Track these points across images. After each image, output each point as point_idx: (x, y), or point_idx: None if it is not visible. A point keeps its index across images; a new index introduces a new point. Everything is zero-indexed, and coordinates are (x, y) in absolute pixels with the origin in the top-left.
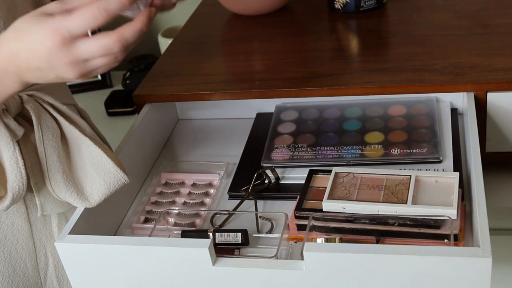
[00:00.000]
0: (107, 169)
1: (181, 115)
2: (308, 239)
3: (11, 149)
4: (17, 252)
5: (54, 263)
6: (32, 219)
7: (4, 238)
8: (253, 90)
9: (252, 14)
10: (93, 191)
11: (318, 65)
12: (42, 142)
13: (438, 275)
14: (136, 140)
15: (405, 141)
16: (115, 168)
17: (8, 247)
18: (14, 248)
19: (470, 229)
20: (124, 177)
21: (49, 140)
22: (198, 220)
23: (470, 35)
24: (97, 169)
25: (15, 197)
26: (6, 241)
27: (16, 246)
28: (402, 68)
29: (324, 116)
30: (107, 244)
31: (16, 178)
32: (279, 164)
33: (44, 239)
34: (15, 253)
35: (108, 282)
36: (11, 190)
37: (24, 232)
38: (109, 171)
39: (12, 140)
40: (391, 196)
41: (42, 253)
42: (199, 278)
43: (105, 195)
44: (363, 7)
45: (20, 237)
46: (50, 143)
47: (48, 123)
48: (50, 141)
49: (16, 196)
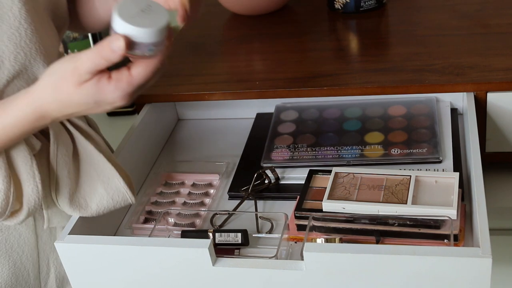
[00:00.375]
0: (117, 188)
1: (181, 115)
2: (308, 239)
3: (29, 163)
4: (21, 263)
5: (55, 273)
6: (39, 231)
7: (11, 249)
8: (253, 90)
9: (252, 14)
10: (99, 208)
11: (318, 65)
12: (55, 156)
13: (438, 275)
14: (136, 140)
15: (405, 141)
16: (125, 188)
17: (13, 257)
18: (19, 258)
19: (470, 229)
20: (131, 198)
21: (62, 155)
22: (198, 220)
23: (470, 35)
24: (107, 187)
25: (31, 211)
26: (12, 251)
27: (21, 257)
28: (402, 68)
29: (324, 116)
30: (107, 244)
31: (33, 193)
32: (279, 164)
33: (48, 250)
34: (20, 263)
35: (108, 282)
36: (27, 204)
37: (30, 243)
38: (119, 190)
39: (30, 154)
40: (391, 196)
41: (44, 263)
42: (199, 278)
43: (109, 210)
44: (363, 7)
45: (26, 248)
46: (63, 158)
47: (63, 138)
48: (63, 156)
49: (31, 210)
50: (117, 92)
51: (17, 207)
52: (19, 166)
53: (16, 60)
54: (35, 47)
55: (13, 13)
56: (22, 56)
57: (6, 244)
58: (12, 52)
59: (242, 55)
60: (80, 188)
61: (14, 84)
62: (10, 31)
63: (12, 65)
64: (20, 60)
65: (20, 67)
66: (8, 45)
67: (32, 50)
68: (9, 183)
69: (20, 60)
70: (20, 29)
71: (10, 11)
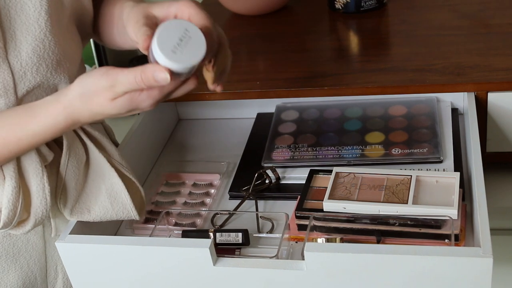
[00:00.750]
0: (123, 204)
1: (182, 115)
2: (309, 239)
3: (39, 175)
4: (28, 267)
5: (63, 279)
6: (47, 237)
7: (18, 253)
8: (253, 90)
9: (252, 14)
10: (101, 219)
11: (318, 65)
12: (65, 167)
13: (439, 275)
14: (136, 140)
15: (406, 141)
16: (131, 206)
17: (20, 261)
18: (26, 262)
19: (471, 229)
20: (136, 216)
21: (73, 166)
22: (199, 220)
23: (470, 35)
24: (113, 202)
25: (37, 222)
26: (19, 256)
27: (29, 261)
28: (403, 68)
29: (325, 116)
30: (108, 244)
31: (41, 204)
32: (280, 164)
33: (56, 256)
34: (27, 267)
35: (109, 282)
36: (34, 215)
37: (38, 249)
38: (124, 207)
39: (41, 165)
40: (391, 196)
41: (52, 268)
42: (199, 278)
43: (110, 220)
44: (363, 7)
45: (33, 253)
46: (72, 169)
47: (76, 150)
48: (73, 167)
49: (38, 221)
50: (148, 100)
51: (24, 216)
52: (29, 177)
53: (38, 71)
54: (56, 58)
55: (39, 25)
56: (44, 68)
57: (14, 249)
58: (35, 64)
59: (243, 55)
60: (85, 198)
61: (33, 93)
62: (35, 43)
63: (34, 76)
64: (41, 72)
65: (42, 78)
66: (32, 57)
67: (54, 62)
68: (18, 194)
69: (41, 72)
70: (45, 41)
71: (36, 23)
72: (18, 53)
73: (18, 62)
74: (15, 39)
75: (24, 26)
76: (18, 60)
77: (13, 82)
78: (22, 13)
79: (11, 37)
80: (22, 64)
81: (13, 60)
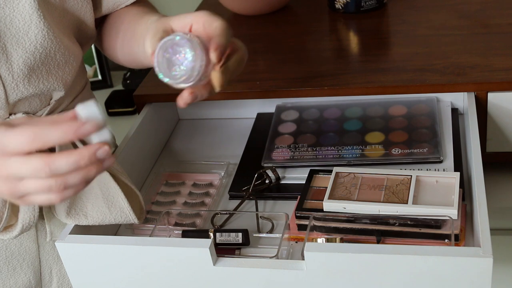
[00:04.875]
0: (121, 209)
1: (182, 115)
2: (309, 239)
3: None
4: (21, 269)
5: (58, 284)
6: (41, 241)
7: (11, 256)
8: (253, 90)
9: (252, 14)
10: (100, 224)
11: (318, 65)
12: None
13: (439, 275)
14: (136, 140)
15: (406, 141)
16: (129, 210)
17: (13, 263)
18: (19, 265)
19: (471, 229)
20: (135, 220)
21: None
22: (199, 220)
23: (470, 35)
24: (111, 207)
25: (25, 227)
26: (12, 258)
27: (22, 264)
28: (403, 68)
29: (325, 116)
30: (107, 244)
31: (28, 210)
32: (280, 164)
33: (51, 261)
34: (20, 269)
35: (109, 282)
36: (21, 220)
37: (32, 252)
38: (122, 211)
39: None
40: (391, 196)
41: (47, 272)
42: (199, 278)
43: (109, 224)
44: (363, 7)
45: (27, 257)
46: None
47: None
48: None
49: (26, 226)
50: (28, 169)
51: (12, 221)
52: None
53: (30, 83)
54: (48, 69)
55: (29, 38)
56: (35, 79)
57: (6, 251)
58: (26, 76)
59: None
60: (80, 203)
61: (26, 99)
62: (25, 55)
63: (26, 87)
64: (33, 83)
65: (34, 89)
66: (23, 69)
67: (46, 73)
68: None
69: (33, 83)
70: (35, 54)
71: (26, 36)
72: (10, 66)
73: (10, 75)
74: (6, 52)
75: (14, 39)
76: (9, 73)
77: (5, 94)
78: (12, 26)
79: (2, 50)
80: (14, 76)
81: (4, 73)
